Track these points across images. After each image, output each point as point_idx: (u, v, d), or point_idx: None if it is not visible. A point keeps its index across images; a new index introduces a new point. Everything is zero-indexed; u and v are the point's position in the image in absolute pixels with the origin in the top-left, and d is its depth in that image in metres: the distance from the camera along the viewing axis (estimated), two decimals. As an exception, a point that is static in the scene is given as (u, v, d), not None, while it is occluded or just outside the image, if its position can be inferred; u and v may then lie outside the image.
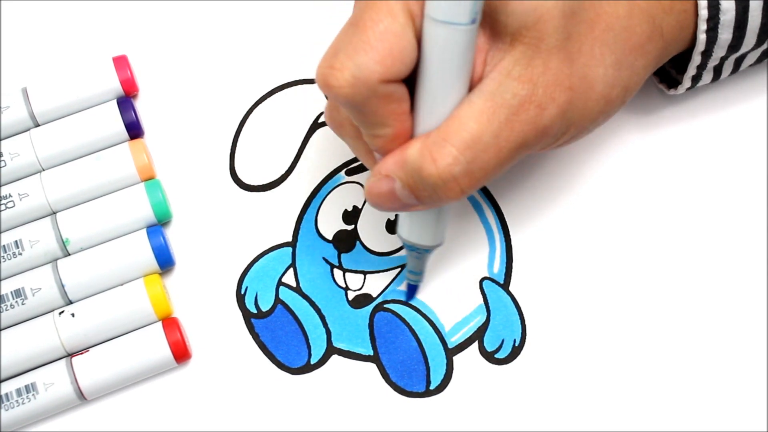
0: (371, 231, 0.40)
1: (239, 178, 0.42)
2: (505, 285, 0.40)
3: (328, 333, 0.39)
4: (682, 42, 0.35)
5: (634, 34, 0.33)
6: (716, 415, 0.38)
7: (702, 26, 0.35)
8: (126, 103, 0.41)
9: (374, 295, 0.40)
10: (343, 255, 0.40)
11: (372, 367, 0.39)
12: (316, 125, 0.42)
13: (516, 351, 0.39)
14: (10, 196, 0.39)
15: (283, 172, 0.42)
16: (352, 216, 0.41)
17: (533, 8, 0.29)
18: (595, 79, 0.32)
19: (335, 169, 0.41)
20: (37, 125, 0.41)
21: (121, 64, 0.42)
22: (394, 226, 0.40)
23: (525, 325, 0.39)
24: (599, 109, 0.33)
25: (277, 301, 0.40)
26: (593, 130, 0.34)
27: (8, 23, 0.44)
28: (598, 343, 0.39)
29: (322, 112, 0.42)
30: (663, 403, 0.38)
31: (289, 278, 0.40)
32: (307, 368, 0.39)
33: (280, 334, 0.39)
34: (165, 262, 0.39)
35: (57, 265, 0.39)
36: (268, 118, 0.42)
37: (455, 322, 0.39)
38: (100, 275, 0.39)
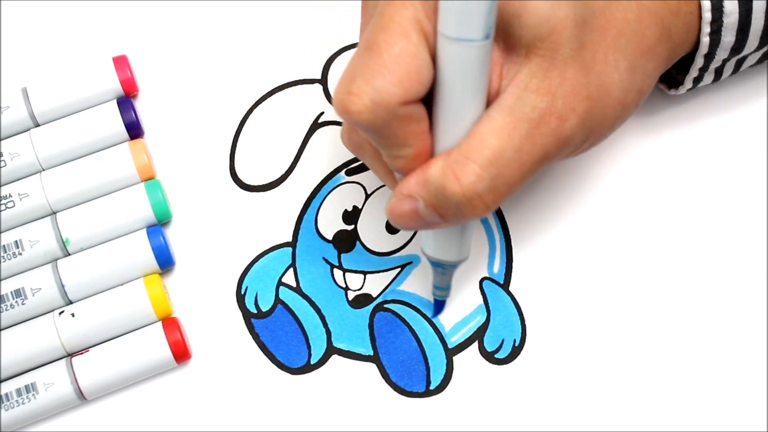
0: (371, 231, 0.40)
1: (239, 178, 0.42)
2: (505, 285, 0.40)
3: (328, 333, 0.39)
4: (689, 44, 0.35)
5: (645, 37, 0.33)
6: (716, 415, 0.38)
7: (705, 29, 0.35)
8: (126, 103, 0.41)
9: (374, 295, 0.40)
10: (343, 255, 0.40)
11: (372, 367, 0.39)
12: (316, 125, 0.42)
13: (516, 351, 0.39)
14: (10, 196, 0.39)
15: (283, 172, 0.42)
16: (352, 216, 0.41)
17: (546, 19, 0.29)
18: (612, 86, 0.32)
19: (335, 169, 0.41)
20: (37, 125, 0.41)
21: (121, 64, 0.42)
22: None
23: (525, 325, 0.39)
24: (617, 114, 0.33)
25: (277, 301, 0.40)
26: (609, 136, 0.34)
27: (8, 23, 0.44)
28: (598, 343, 0.39)
29: (323, 112, 0.42)
30: (663, 403, 0.38)
31: (289, 278, 0.40)
32: (307, 368, 0.39)
33: (280, 334, 0.39)
34: (165, 262, 0.39)
35: (57, 265, 0.39)
36: (268, 118, 0.42)
37: (455, 322, 0.39)
38: (100, 275, 0.39)
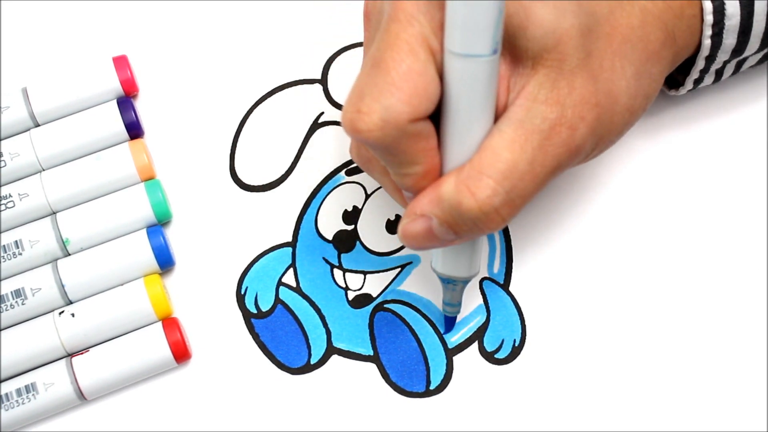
0: (371, 231, 0.40)
1: (239, 178, 0.42)
2: (505, 285, 0.40)
3: (328, 333, 0.39)
4: (692, 46, 0.35)
5: (650, 42, 0.33)
6: (716, 415, 0.38)
7: (707, 31, 0.35)
8: (126, 103, 0.41)
9: (374, 295, 0.40)
10: (343, 255, 0.40)
11: (372, 367, 0.39)
12: (316, 125, 0.42)
13: (516, 351, 0.39)
14: (10, 196, 0.39)
15: (283, 172, 0.42)
16: (352, 216, 0.41)
17: (552, 30, 0.29)
18: (619, 93, 0.32)
19: (335, 169, 0.41)
20: (37, 125, 0.41)
21: (121, 64, 0.42)
22: (395, 226, 0.40)
23: (525, 325, 0.39)
24: (625, 121, 0.33)
25: (277, 301, 0.40)
26: (617, 142, 0.34)
27: (8, 23, 0.44)
28: (598, 343, 0.39)
29: (323, 112, 0.42)
30: (663, 403, 0.38)
31: (289, 278, 0.40)
32: (307, 368, 0.39)
33: (280, 334, 0.39)
34: (165, 262, 0.39)
35: (57, 265, 0.39)
36: (268, 118, 0.42)
37: (455, 322, 0.39)
38: (100, 275, 0.39)
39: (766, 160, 0.40)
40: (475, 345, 0.39)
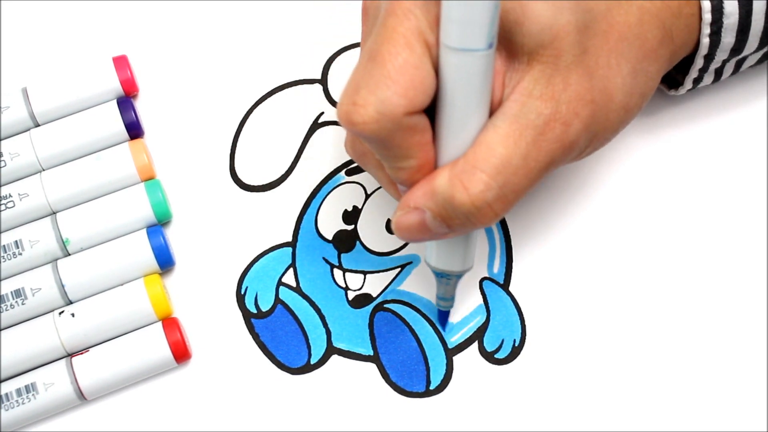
0: (371, 231, 0.41)
1: (239, 178, 0.42)
2: (505, 285, 0.40)
3: (328, 333, 0.39)
4: (690, 45, 0.35)
5: (647, 40, 0.33)
6: (716, 415, 0.38)
7: (705, 30, 0.35)
8: (126, 103, 0.41)
9: (374, 295, 0.40)
10: (343, 255, 0.40)
11: (372, 367, 0.39)
12: (316, 125, 0.42)
13: (516, 351, 0.39)
14: (10, 196, 0.39)
15: (283, 172, 0.42)
16: (352, 216, 0.41)
17: (548, 26, 0.29)
18: (615, 90, 0.32)
19: (335, 169, 0.41)
20: (37, 125, 0.41)
21: (121, 64, 0.42)
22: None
23: (525, 325, 0.39)
24: (620, 118, 0.33)
25: (277, 301, 0.40)
26: (612, 139, 0.34)
27: (8, 23, 0.44)
28: (598, 343, 0.39)
29: (323, 112, 0.42)
30: (663, 403, 0.38)
31: (289, 278, 0.40)
32: (307, 368, 0.39)
33: (280, 334, 0.39)
34: (165, 262, 0.39)
35: (57, 265, 0.39)
36: (268, 118, 0.42)
37: (455, 322, 0.39)
38: (100, 275, 0.39)
39: (765, 160, 0.40)
40: (475, 345, 0.39)
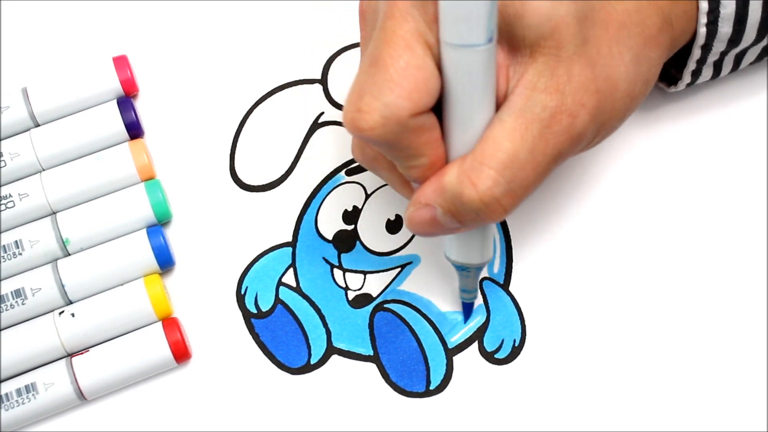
0: (371, 231, 0.41)
1: (239, 178, 0.42)
2: (505, 285, 0.40)
3: (328, 333, 0.39)
4: (689, 33, 0.35)
5: (646, 27, 0.33)
6: (716, 415, 0.38)
7: (702, 19, 0.35)
8: (126, 103, 0.41)
9: (374, 295, 0.40)
10: (343, 255, 0.40)
11: (372, 367, 0.39)
12: (316, 125, 0.42)
13: (516, 351, 0.39)
14: (10, 196, 0.39)
15: (283, 172, 0.42)
16: (352, 216, 0.41)
17: (548, 18, 0.29)
18: (618, 78, 0.32)
19: (335, 169, 0.41)
20: (37, 125, 0.41)
21: (121, 64, 0.42)
22: (395, 226, 0.40)
23: (525, 325, 0.39)
24: (625, 106, 0.33)
25: (277, 301, 0.40)
26: (619, 127, 0.34)
27: (8, 23, 0.44)
28: (598, 343, 0.39)
29: (323, 112, 0.42)
30: (663, 403, 0.38)
31: (289, 278, 0.40)
32: (307, 368, 0.39)
33: (280, 334, 0.39)
34: (165, 262, 0.39)
35: (57, 265, 0.39)
36: (268, 118, 0.42)
37: (455, 322, 0.39)
38: (100, 275, 0.39)
39: (765, 155, 0.40)
40: (475, 345, 0.39)
